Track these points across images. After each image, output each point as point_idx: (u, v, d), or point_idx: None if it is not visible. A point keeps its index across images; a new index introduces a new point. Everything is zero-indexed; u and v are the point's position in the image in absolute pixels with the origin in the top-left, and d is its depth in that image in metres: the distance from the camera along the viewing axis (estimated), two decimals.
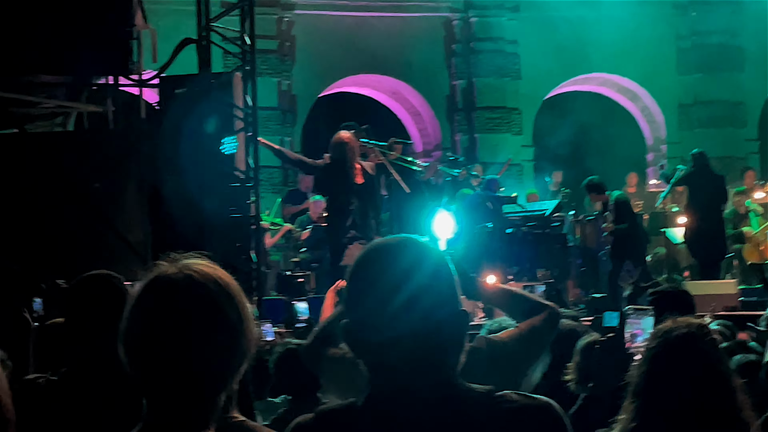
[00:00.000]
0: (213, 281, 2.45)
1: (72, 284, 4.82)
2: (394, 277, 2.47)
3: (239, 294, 2.48)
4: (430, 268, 2.50)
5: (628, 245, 16.64)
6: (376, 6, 23.60)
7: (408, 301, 2.45)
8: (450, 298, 2.52)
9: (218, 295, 2.44)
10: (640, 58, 24.24)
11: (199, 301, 2.41)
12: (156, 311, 2.42)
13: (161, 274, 2.47)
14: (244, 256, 13.47)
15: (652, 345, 4.41)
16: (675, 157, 24.23)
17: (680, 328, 4.36)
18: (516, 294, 4.79)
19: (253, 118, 13.71)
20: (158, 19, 16.74)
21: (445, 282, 2.52)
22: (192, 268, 2.47)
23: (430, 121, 24.68)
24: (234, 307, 2.45)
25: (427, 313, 2.46)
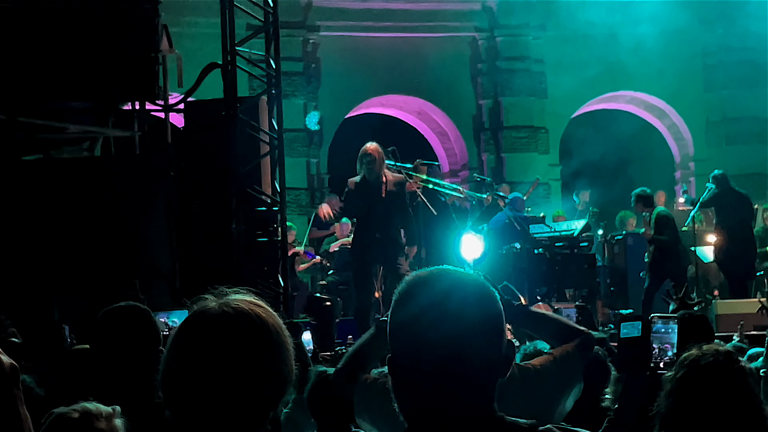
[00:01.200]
0: (249, 318, 2.47)
1: (101, 315, 4.82)
2: (435, 310, 2.44)
3: (277, 331, 2.49)
4: (476, 303, 2.48)
5: (669, 261, 16.57)
6: (401, 26, 23.61)
7: (452, 335, 2.42)
8: (494, 331, 2.49)
9: (252, 332, 2.45)
10: (667, 76, 24.16)
11: (232, 337, 2.44)
12: (190, 347, 2.46)
13: (200, 309, 2.50)
14: (271, 279, 13.46)
15: (679, 374, 4.35)
16: (703, 174, 24.07)
17: (708, 356, 4.31)
18: (551, 318, 4.75)
19: (279, 141, 13.70)
20: (184, 42, 16.79)
21: (493, 311, 2.50)
22: (230, 304, 2.49)
23: (456, 141, 24.64)
24: (270, 344, 2.47)
25: (472, 347, 2.44)
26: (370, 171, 13.47)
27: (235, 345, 2.42)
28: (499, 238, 16.96)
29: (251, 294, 2.55)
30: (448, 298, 2.45)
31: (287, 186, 14.36)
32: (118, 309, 4.81)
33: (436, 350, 2.43)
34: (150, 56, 13.26)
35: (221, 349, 2.42)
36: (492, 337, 2.48)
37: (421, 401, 2.46)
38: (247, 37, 14.13)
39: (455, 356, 2.42)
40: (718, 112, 24.74)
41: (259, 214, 13.52)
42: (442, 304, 2.45)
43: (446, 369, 2.43)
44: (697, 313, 6.39)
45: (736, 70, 24.17)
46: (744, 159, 23.58)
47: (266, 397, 2.46)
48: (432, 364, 2.43)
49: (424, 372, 2.44)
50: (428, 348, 2.43)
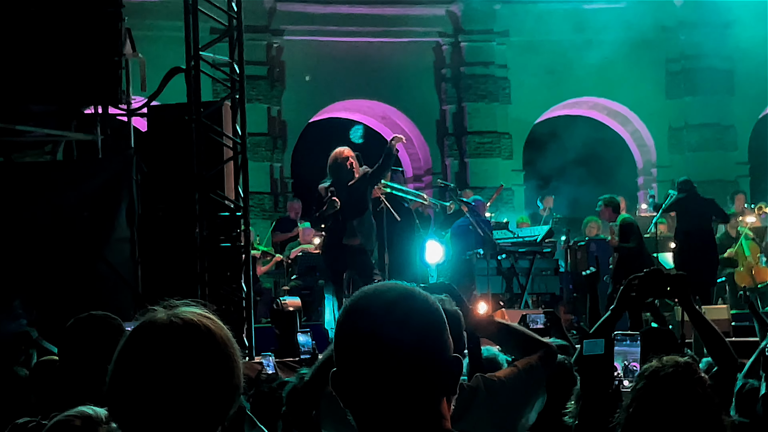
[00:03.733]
0: (197, 329, 2.45)
1: (70, 324, 4.80)
2: (382, 327, 2.41)
3: (225, 343, 2.48)
4: (419, 315, 2.44)
5: (633, 268, 16.57)
6: (366, 31, 23.64)
7: (397, 350, 2.39)
8: (440, 345, 2.45)
9: (200, 343, 2.44)
10: (629, 82, 24.29)
11: (178, 348, 2.42)
12: (137, 357, 2.44)
13: (148, 320, 2.48)
14: (234, 285, 13.41)
15: (639, 385, 4.37)
16: (665, 180, 24.29)
17: (667, 367, 4.33)
18: (514, 329, 4.74)
19: (242, 146, 13.66)
20: (147, 46, 16.72)
21: (435, 328, 2.46)
22: (179, 315, 2.47)
23: (420, 146, 24.68)
24: (218, 355, 2.45)
25: (417, 361, 2.40)
26: (350, 173, 13.57)
27: (182, 356, 2.41)
28: (462, 243, 16.96)
29: (200, 306, 2.53)
30: (391, 314, 2.42)
31: (251, 190, 14.31)
32: (87, 318, 4.79)
33: (378, 367, 2.40)
34: (113, 60, 13.20)
35: (169, 359, 2.40)
36: (435, 353, 2.45)
37: (366, 417, 2.45)
38: (211, 41, 14.06)
39: (396, 373, 2.40)
40: (680, 119, 24.89)
41: (222, 219, 13.46)
42: (385, 319, 2.42)
43: (388, 385, 2.40)
44: (661, 328, 6.39)
45: (698, 78, 24.32)
46: (706, 166, 23.75)
47: (214, 409, 2.45)
48: (374, 380, 2.41)
49: (367, 388, 2.43)
50: (370, 365, 2.41)
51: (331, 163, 13.88)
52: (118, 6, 13.35)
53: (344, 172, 13.71)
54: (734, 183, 23.92)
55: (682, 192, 17.33)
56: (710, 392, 4.35)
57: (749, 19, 23.05)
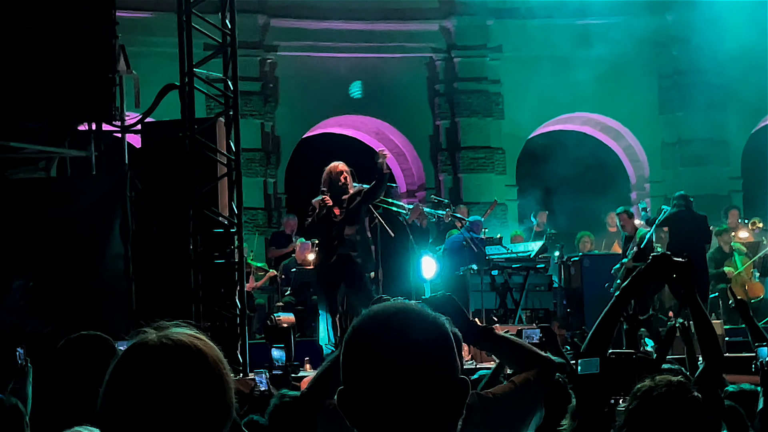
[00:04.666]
0: (188, 350, 2.44)
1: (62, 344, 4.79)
2: (391, 348, 2.43)
3: (217, 363, 2.48)
4: (428, 338, 2.47)
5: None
6: (359, 47, 23.67)
7: (405, 372, 2.41)
8: (448, 369, 2.47)
9: (192, 364, 2.43)
10: (622, 98, 24.33)
11: (170, 369, 2.41)
12: (129, 379, 2.43)
13: (139, 341, 2.48)
14: (228, 301, 13.42)
15: (632, 405, 4.37)
16: (659, 195, 24.32)
17: (660, 387, 4.33)
18: (514, 342, 4.73)
19: (236, 163, 13.68)
20: (141, 62, 16.73)
21: (444, 352, 2.48)
22: (170, 336, 2.47)
23: (414, 162, 24.69)
24: (210, 376, 2.45)
25: (425, 385, 2.43)
26: (344, 188, 13.59)
27: (174, 377, 2.40)
28: (455, 259, 17.00)
29: (191, 327, 2.53)
30: (400, 335, 2.44)
31: (244, 206, 14.32)
32: (79, 338, 4.78)
33: (387, 387, 2.42)
34: (107, 77, 13.22)
35: (160, 381, 2.40)
36: (444, 374, 2.47)
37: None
38: (205, 58, 14.10)
39: (405, 394, 2.42)
40: (673, 134, 24.91)
41: (216, 235, 13.47)
42: (394, 340, 2.44)
43: (397, 406, 2.42)
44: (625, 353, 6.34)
45: (691, 93, 24.33)
46: (699, 180, 23.77)
47: (207, 429, 2.45)
48: (383, 401, 2.43)
49: (375, 408, 2.44)
50: (379, 385, 2.43)
51: (325, 177, 13.90)
52: (112, 23, 13.37)
53: (337, 186, 13.72)
54: (727, 198, 23.95)
55: (676, 207, 17.36)
56: (703, 411, 4.35)
57: (741, 34, 23.09)
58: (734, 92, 24.09)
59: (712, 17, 23.49)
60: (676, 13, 24.23)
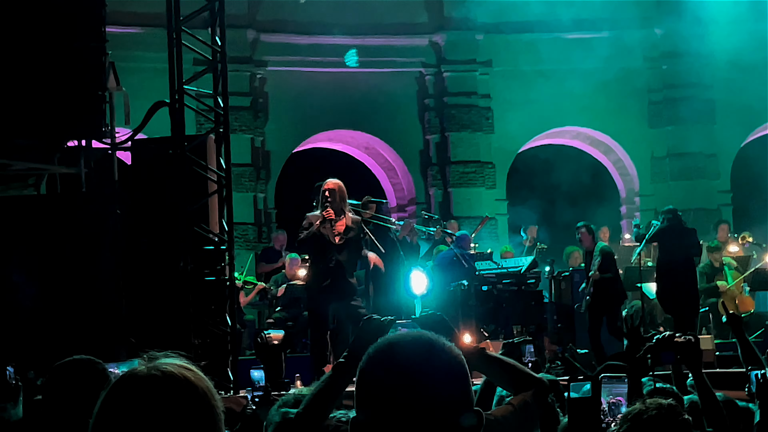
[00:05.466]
0: (177, 380, 2.45)
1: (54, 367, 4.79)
2: (407, 378, 2.44)
3: (206, 394, 2.49)
4: (447, 369, 2.49)
5: (610, 297, 16.66)
6: None
7: (421, 404, 2.42)
8: (463, 400, 2.49)
9: (181, 395, 2.44)
10: (612, 112, 24.39)
11: (159, 401, 2.42)
12: (119, 410, 2.43)
13: (129, 373, 2.49)
14: (218, 318, 13.39)
15: (623, 428, 4.38)
16: (648, 209, 24.36)
17: (651, 410, 4.34)
18: (508, 364, 4.72)
19: (226, 180, 13.66)
20: (131, 77, 16.74)
21: (462, 383, 2.50)
22: (159, 367, 2.47)
23: (404, 176, 24.70)
24: (200, 407, 2.46)
25: (440, 417, 2.44)
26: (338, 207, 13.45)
27: (163, 408, 2.41)
28: (446, 275, 16.98)
29: (181, 357, 2.53)
30: (422, 371, 2.45)
31: (234, 221, 14.29)
32: (72, 362, 4.79)
33: (405, 418, 2.42)
34: (97, 94, 13.19)
35: (150, 412, 2.41)
36: (461, 405, 2.48)
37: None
38: (195, 75, 14.09)
39: (423, 425, 2.42)
40: (663, 148, 24.97)
41: (207, 252, 13.44)
42: (415, 375, 2.45)
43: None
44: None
45: (680, 107, 24.41)
46: (689, 194, 23.82)
47: None
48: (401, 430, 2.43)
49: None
50: (396, 416, 2.43)
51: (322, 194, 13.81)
52: (101, 41, 13.35)
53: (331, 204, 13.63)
54: (717, 211, 23.99)
55: (665, 222, 17.36)
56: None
57: (730, 48, 23.16)
58: (723, 106, 24.19)
59: (700, 31, 23.58)
60: (665, 28, 24.30)
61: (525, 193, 23.65)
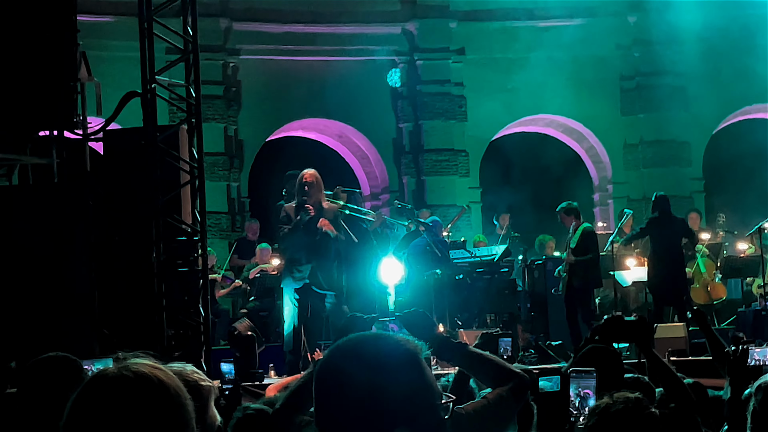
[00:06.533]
0: (147, 380, 2.44)
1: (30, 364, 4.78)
2: (364, 381, 2.42)
3: (177, 393, 2.48)
4: (403, 370, 2.45)
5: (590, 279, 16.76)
6: (322, 50, 23.66)
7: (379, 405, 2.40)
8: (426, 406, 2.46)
9: (152, 393, 2.43)
10: (585, 100, 24.41)
11: (132, 399, 2.41)
12: (91, 412, 2.42)
13: (99, 374, 2.48)
14: (192, 309, 13.37)
15: (590, 422, 4.40)
16: (621, 197, 24.45)
17: (618, 403, 4.36)
18: (488, 359, 4.72)
19: (199, 170, 13.63)
20: (103, 67, 16.67)
21: (419, 384, 2.47)
22: (129, 367, 2.46)
23: (377, 165, 24.68)
24: (171, 405, 2.45)
25: (401, 424, 2.41)
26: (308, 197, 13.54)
27: (135, 409, 2.40)
28: (419, 264, 16.99)
29: (150, 357, 2.52)
30: (376, 373, 2.43)
31: (208, 210, 14.27)
32: (47, 359, 4.78)
33: (359, 422, 2.41)
34: (68, 84, 13.13)
35: (121, 413, 2.40)
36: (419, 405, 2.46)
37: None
38: (167, 66, 14.05)
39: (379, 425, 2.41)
40: (635, 136, 25.01)
41: (180, 243, 13.42)
42: (367, 373, 2.42)
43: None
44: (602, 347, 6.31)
45: (652, 94, 24.47)
46: (661, 182, 23.84)
47: None
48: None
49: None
50: (350, 421, 2.41)
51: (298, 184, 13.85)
52: (73, 31, 13.28)
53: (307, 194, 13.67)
54: (689, 199, 24.07)
55: (655, 211, 17.41)
56: (662, 427, 4.38)
57: (702, 36, 23.25)
58: (696, 93, 24.24)
59: (673, 19, 23.63)
60: (637, 15, 24.35)
61: (498, 181, 23.67)
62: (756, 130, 24.86)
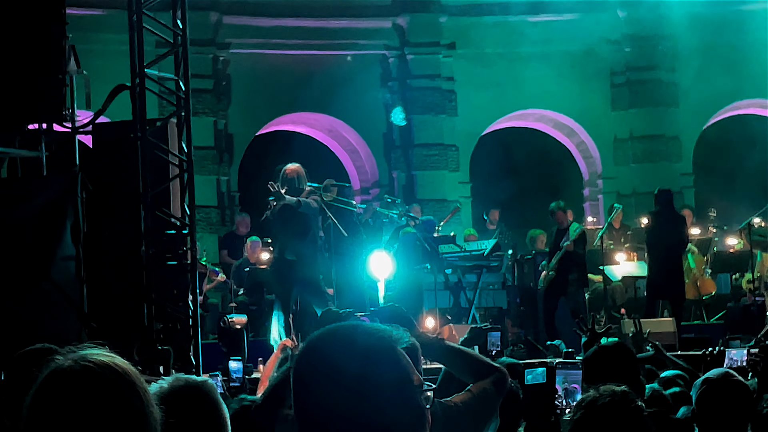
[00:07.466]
0: (112, 370, 2.41)
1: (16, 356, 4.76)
2: (341, 372, 2.38)
3: (138, 379, 2.46)
4: (381, 362, 2.41)
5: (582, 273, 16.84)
6: (312, 44, 23.61)
7: (357, 398, 2.37)
8: (402, 393, 2.42)
9: (117, 384, 2.40)
10: (575, 95, 24.40)
11: (99, 392, 2.38)
12: (56, 407, 2.37)
13: (56, 368, 2.42)
14: (180, 303, 13.35)
15: (576, 416, 4.41)
16: (611, 192, 24.45)
17: (604, 397, 4.37)
18: (466, 353, 4.74)
19: (188, 164, 13.61)
20: (92, 59, 16.61)
21: (397, 375, 2.43)
22: (88, 359, 2.43)
23: (367, 159, 24.66)
24: (134, 393, 2.42)
25: (378, 413, 2.38)
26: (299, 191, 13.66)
27: (106, 398, 2.37)
28: (409, 258, 16.99)
29: (101, 347, 2.49)
30: (357, 362, 2.39)
31: (197, 204, 14.26)
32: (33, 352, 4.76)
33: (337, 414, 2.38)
34: (57, 77, 13.09)
35: (88, 406, 2.36)
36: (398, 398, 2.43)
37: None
38: (156, 58, 14.02)
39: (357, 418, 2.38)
40: (625, 131, 25.01)
41: (169, 237, 13.40)
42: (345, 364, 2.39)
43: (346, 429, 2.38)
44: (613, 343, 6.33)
45: (643, 89, 24.48)
46: (651, 177, 23.87)
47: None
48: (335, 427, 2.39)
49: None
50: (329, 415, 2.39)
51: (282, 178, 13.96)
52: (62, 23, 13.24)
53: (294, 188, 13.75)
54: (679, 194, 24.04)
55: (658, 206, 17.49)
56: (648, 421, 4.39)
57: (692, 31, 23.27)
58: (685, 88, 24.28)
59: (663, 14, 23.66)
60: (627, 10, 24.33)
61: (488, 176, 23.66)
62: (746, 126, 24.89)
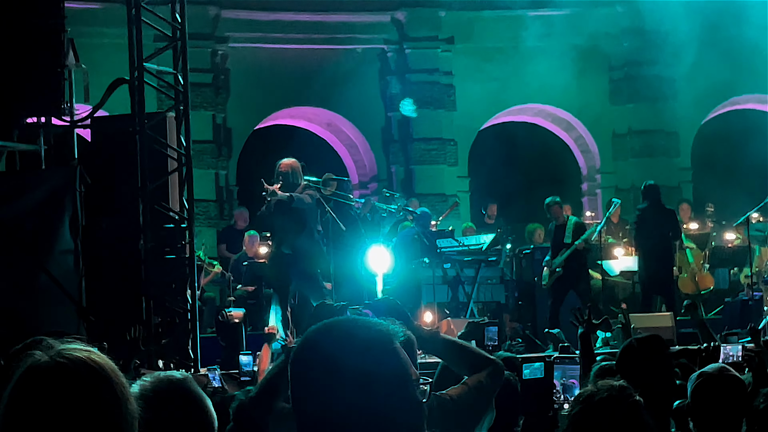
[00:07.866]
0: (87, 366, 2.39)
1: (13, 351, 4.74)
2: (340, 367, 2.37)
3: (115, 374, 2.43)
4: (379, 357, 2.40)
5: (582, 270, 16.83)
6: (311, 38, 23.59)
7: (356, 393, 2.35)
8: (401, 388, 2.41)
9: (94, 379, 2.38)
10: (573, 89, 24.35)
11: (75, 387, 2.35)
12: (32, 403, 2.35)
13: (32, 365, 2.40)
14: (179, 296, 13.36)
15: (575, 410, 4.42)
16: (609, 186, 24.45)
17: (602, 391, 4.38)
18: (462, 347, 4.74)
19: (186, 158, 13.61)
20: (91, 53, 16.60)
21: (396, 370, 2.42)
22: (64, 354, 2.41)
23: (366, 153, 24.65)
24: (109, 389, 2.40)
25: (377, 407, 2.37)
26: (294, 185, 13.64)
27: (80, 395, 2.35)
28: (407, 253, 16.99)
29: (79, 342, 2.47)
30: (349, 353, 2.38)
31: (196, 198, 14.26)
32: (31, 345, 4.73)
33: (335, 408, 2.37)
34: (56, 71, 13.10)
35: (67, 402, 2.34)
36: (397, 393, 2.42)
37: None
38: (155, 52, 14.02)
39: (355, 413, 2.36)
40: (624, 125, 25.01)
41: (167, 230, 13.41)
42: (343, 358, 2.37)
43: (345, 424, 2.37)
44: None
45: (641, 84, 24.46)
46: (650, 171, 23.83)
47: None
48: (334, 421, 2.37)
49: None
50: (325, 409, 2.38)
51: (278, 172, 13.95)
52: (61, 17, 13.25)
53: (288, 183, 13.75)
54: (678, 189, 24.09)
55: (645, 201, 17.46)
56: (645, 416, 4.40)
57: (691, 25, 23.24)
58: (684, 83, 24.24)
59: (661, 9, 23.62)
60: (626, 5, 24.31)
61: (487, 171, 23.65)
62: (745, 121, 24.89)
